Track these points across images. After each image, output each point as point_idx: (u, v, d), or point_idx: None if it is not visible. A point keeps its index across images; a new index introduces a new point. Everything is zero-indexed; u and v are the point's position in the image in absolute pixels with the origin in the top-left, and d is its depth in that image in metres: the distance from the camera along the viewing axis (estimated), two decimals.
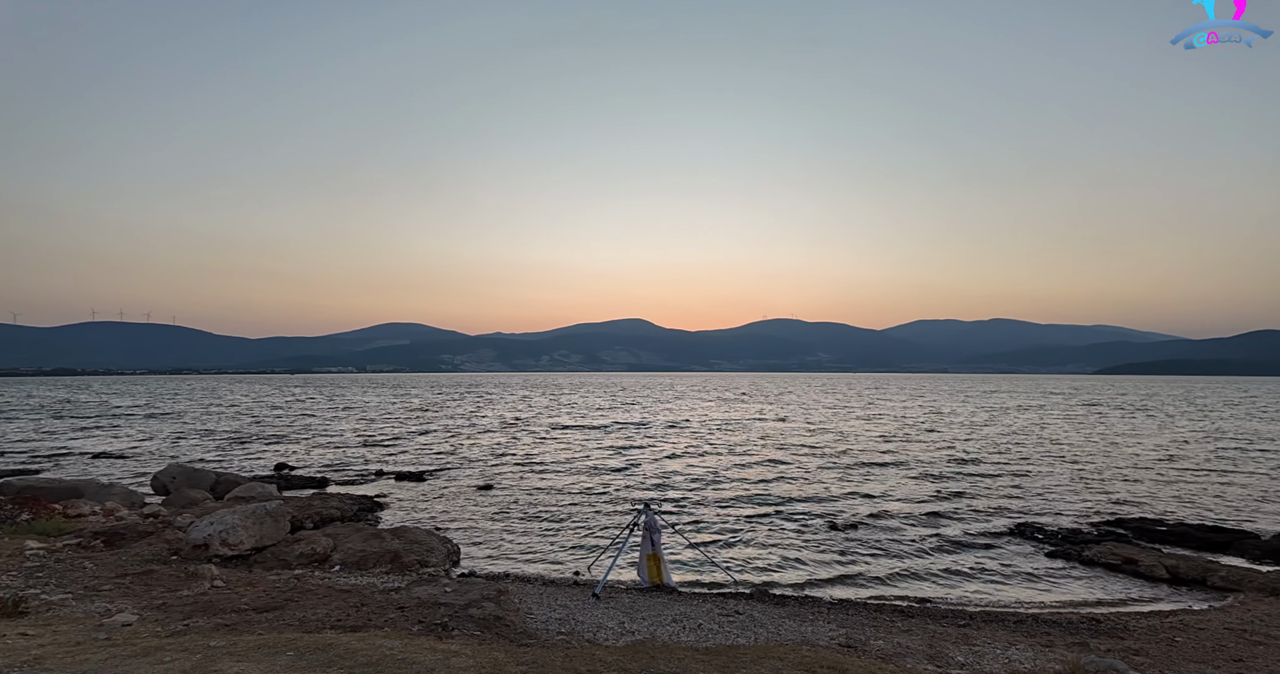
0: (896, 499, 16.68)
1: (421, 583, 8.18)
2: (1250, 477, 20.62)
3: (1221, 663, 6.90)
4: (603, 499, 16.52)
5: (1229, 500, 16.86)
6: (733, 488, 18.16)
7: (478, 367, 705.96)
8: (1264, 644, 7.43)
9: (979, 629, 8.17)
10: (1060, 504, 16.32)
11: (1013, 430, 35.91)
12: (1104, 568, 11.14)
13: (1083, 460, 24.12)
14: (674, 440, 30.14)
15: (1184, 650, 7.30)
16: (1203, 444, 29.57)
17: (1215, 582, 10.04)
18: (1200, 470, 21.84)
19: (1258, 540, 12.42)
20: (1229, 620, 8.26)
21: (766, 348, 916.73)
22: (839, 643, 7.19)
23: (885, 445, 28.47)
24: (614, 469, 21.30)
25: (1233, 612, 8.66)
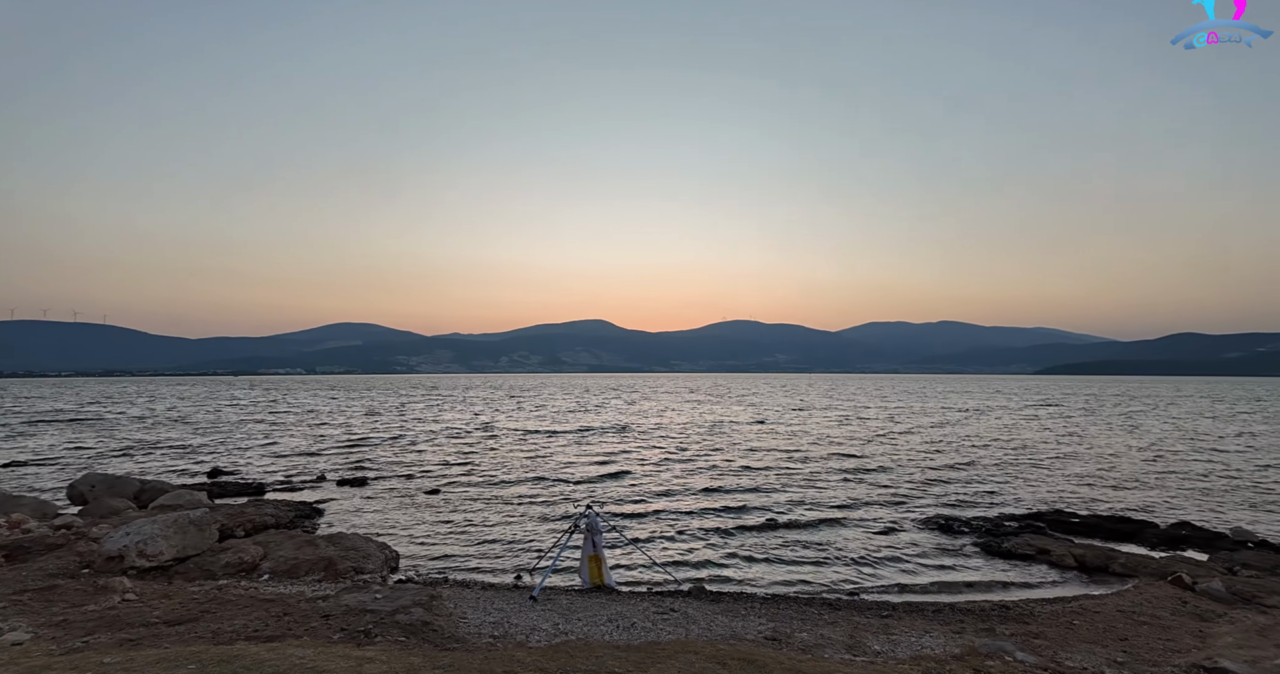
0: (837, 496, 17.24)
1: (352, 590, 8.05)
2: (1169, 472, 22.15)
3: (1109, 642, 7.46)
4: (550, 502, 16.50)
5: (1145, 493, 18.09)
6: (679, 487, 18.41)
7: (434, 368, 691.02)
8: (1148, 624, 8.07)
9: (899, 619, 8.57)
10: (991, 499, 17.18)
11: (956, 430, 37.50)
12: (1020, 558, 11.82)
13: (1020, 457, 25.41)
14: (623, 441, 30.29)
15: (1079, 632, 7.86)
16: (1136, 441, 31.57)
17: (1116, 569, 10.81)
18: (1127, 465, 23.34)
19: (1157, 529, 13.42)
20: (1122, 604, 8.92)
21: (726, 349, 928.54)
22: (765, 636, 7.45)
23: (833, 444, 29.32)
24: (563, 471, 21.28)
25: (1126, 595, 9.35)
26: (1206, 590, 9.29)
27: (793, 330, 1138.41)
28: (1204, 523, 14.11)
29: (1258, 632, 7.54)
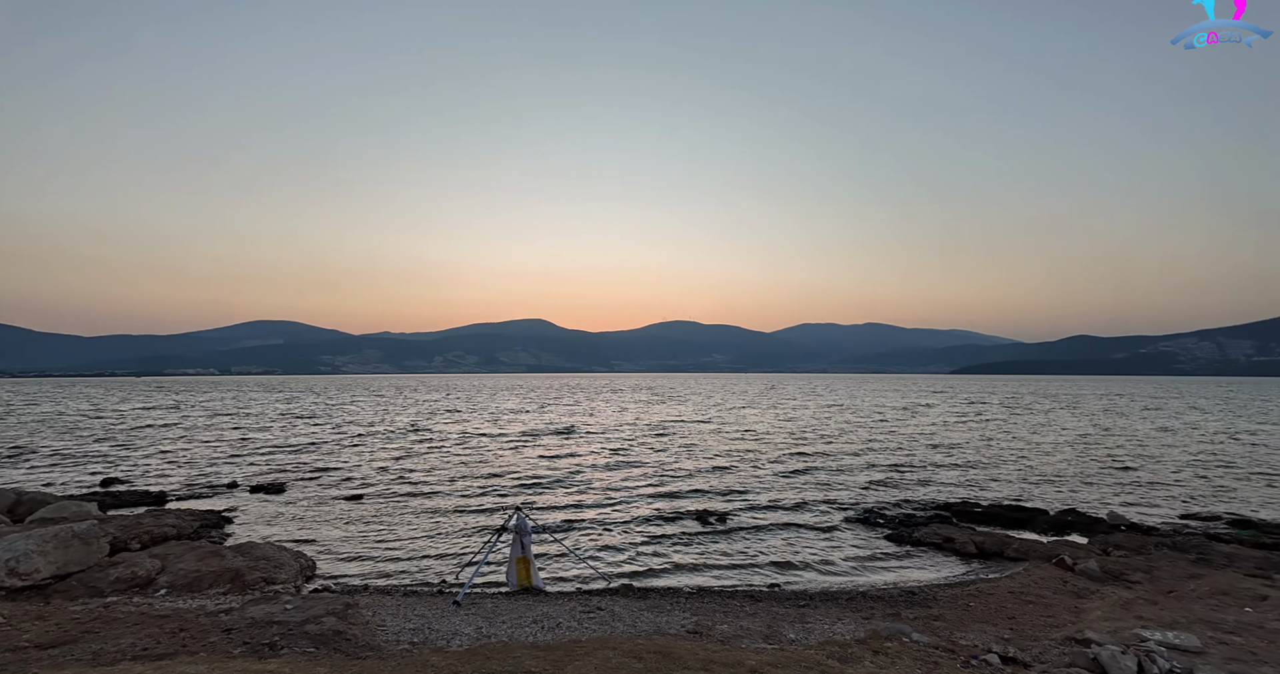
0: (768, 492, 17.81)
1: (260, 602, 7.64)
2: (1063, 464, 24.15)
3: (999, 621, 8.11)
4: (481, 506, 16.19)
5: (1041, 484, 19.67)
6: (615, 487, 18.51)
7: (362, 368, 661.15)
8: (1034, 603, 8.82)
9: (815, 608, 8.99)
10: (909, 492, 18.22)
11: (882, 427, 39.48)
12: (928, 547, 12.62)
13: (937, 453, 27.03)
14: (564, 443, 30.11)
15: (974, 613, 8.50)
16: (1038, 437, 34.21)
17: (1010, 553, 11.73)
18: (1031, 457, 25.28)
19: (1047, 516, 14.66)
20: (1012, 585, 9.71)
21: (666, 349, 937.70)
22: (688, 630, 7.64)
23: (770, 443, 30.23)
24: (498, 474, 20.93)
25: (1017, 578, 10.18)
26: (1084, 570, 10.24)
27: (730, 331, 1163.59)
28: (1087, 509, 15.52)
29: (1121, 605, 8.40)
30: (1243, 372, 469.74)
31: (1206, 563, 10.66)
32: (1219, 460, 24.57)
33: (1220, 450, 27.67)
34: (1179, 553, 11.27)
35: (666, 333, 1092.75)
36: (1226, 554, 11.07)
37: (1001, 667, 6.03)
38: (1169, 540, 12.12)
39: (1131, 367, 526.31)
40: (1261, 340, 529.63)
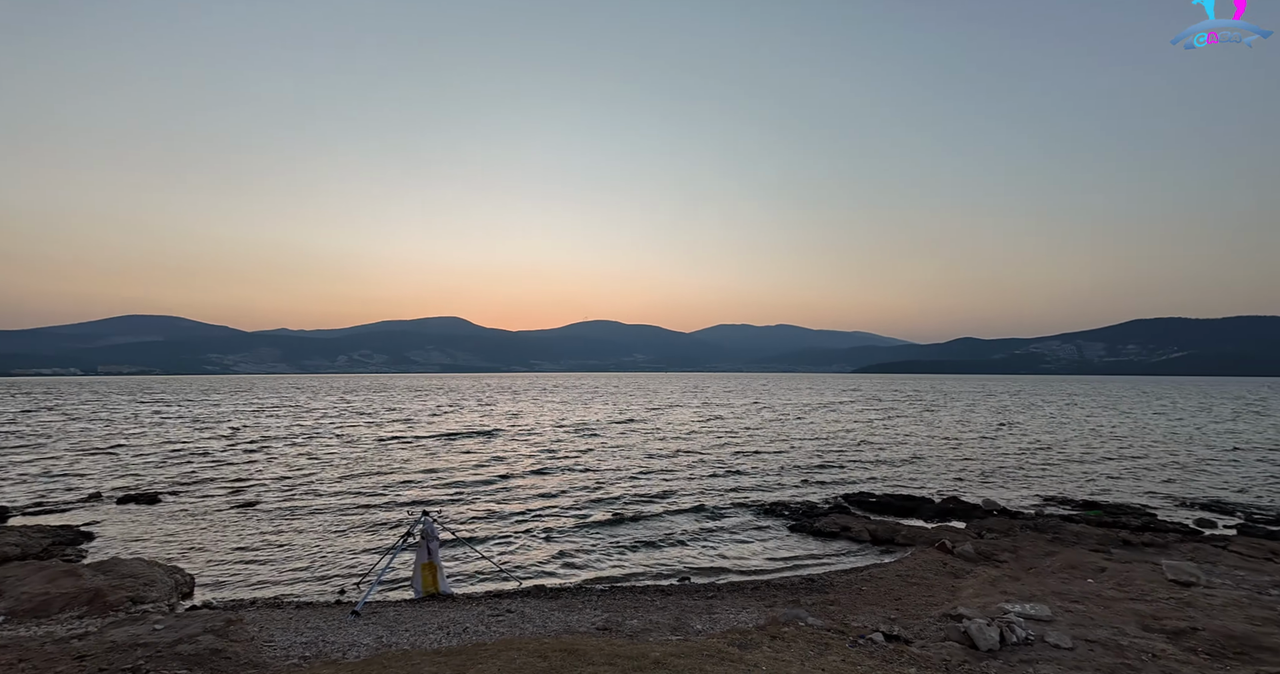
0: (684, 488, 18.18)
1: (123, 623, 6.89)
2: (951, 456, 26.31)
3: (887, 603, 8.75)
4: (384, 510, 15.44)
5: (931, 475, 21.36)
6: (528, 487, 18.24)
7: (256, 368, 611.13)
8: (918, 584, 9.59)
9: (722, 599, 9.30)
10: (815, 485, 19.21)
11: (794, 424, 41.35)
12: (828, 536, 13.37)
13: (843, 447, 28.65)
14: (482, 444, 29.30)
15: (866, 596, 9.11)
16: (929, 431, 37.04)
17: (900, 539, 12.66)
18: (922, 451, 27.34)
19: (933, 504, 15.96)
20: (900, 569, 10.50)
21: (587, 348, 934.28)
22: (597, 626, 7.68)
23: (688, 440, 30.85)
24: (401, 478, 20.02)
25: (904, 562, 11.03)
26: (961, 553, 11.25)
27: (651, 331, 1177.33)
28: (967, 497, 17.04)
29: (990, 582, 9.31)
30: (1096, 370, 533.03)
31: (1060, 541, 12.02)
32: (1079, 449, 27.74)
33: (1079, 440, 31.24)
34: (1039, 533, 12.62)
35: (588, 332, 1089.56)
36: (1076, 533, 12.53)
37: (885, 644, 6.51)
38: (1032, 523, 13.56)
39: (1007, 366, 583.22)
40: (1111, 343, 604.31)
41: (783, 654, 5.59)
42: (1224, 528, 13.87)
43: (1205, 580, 9.17)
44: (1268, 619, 7.48)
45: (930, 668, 5.91)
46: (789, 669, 5.04)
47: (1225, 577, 9.56)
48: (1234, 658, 6.45)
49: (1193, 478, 20.70)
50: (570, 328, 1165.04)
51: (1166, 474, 21.44)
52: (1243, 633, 6.98)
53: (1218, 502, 16.81)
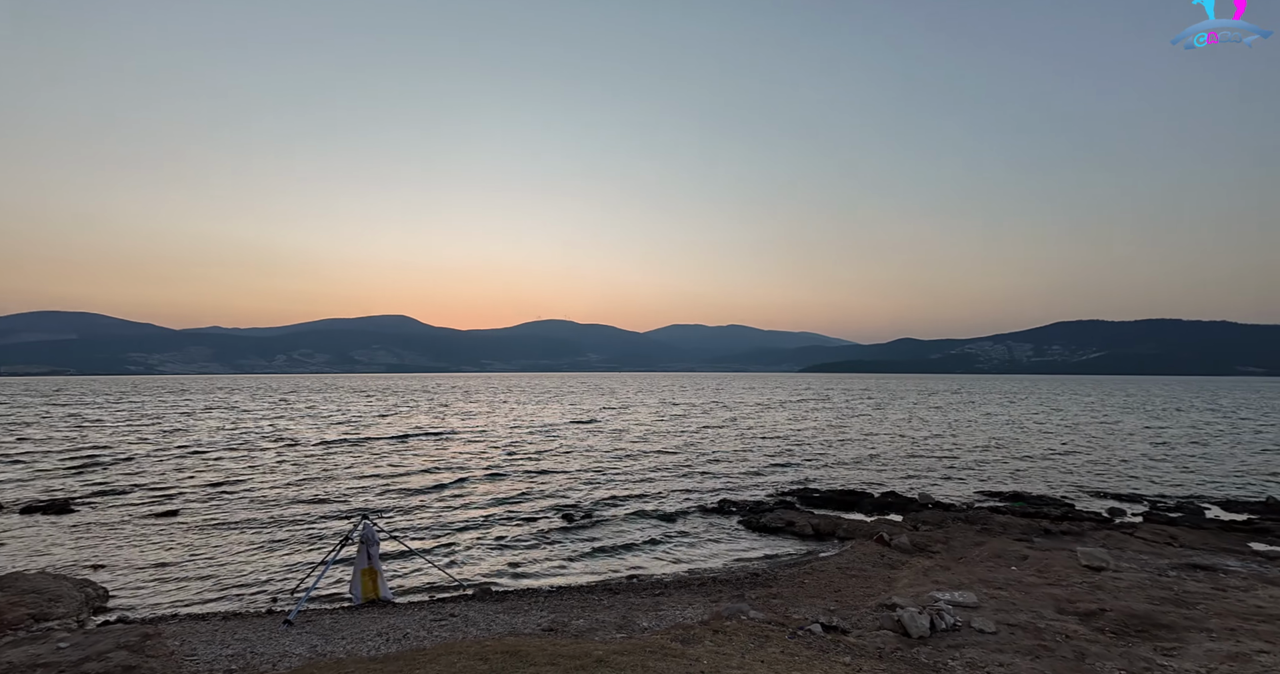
0: (635, 488, 18.23)
1: (23, 643, 6.38)
2: (891, 452, 27.33)
3: (827, 594, 9.03)
4: (321, 516, 14.86)
5: (872, 470, 22.14)
6: (474, 490, 17.90)
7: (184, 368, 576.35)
8: (856, 576, 9.94)
9: (670, 596, 9.38)
10: (762, 481, 19.62)
11: (746, 422, 42.07)
12: (774, 531, 13.69)
13: (790, 443, 29.34)
14: (417, 445, 28.55)
15: (807, 589, 9.38)
16: (874, 427, 38.35)
17: (840, 533, 13.09)
18: (867, 446, 28.29)
19: (873, 498, 16.58)
20: (840, 562, 10.86)
21: (540, 348, 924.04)
22: (543, 627, 7.61)
23: (643, 440, 30.93)
24: (342, 482, 19.32)
25: (845, 555, 11.41)
26: (898, 545, 11.72)
27: (605, 330, 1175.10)
28: (905, 491, 17.77)
29: (923, 572, 9.75)
30: (1024, 370, 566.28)
31: (988, 532, 12.69)
32: (1010, 444, 29.34)
33: (1010, 436, 33.05)
34: (969, 525, 13.29)
35: (541, 332, 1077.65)
36: (1003, 524, 13.26)
37: (823, 634, 6.72)
38: (963, 515, 14.27)
39: (944, 366, 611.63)
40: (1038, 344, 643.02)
41: (724, 647, 5.70)
42: (1132, 516, 14.96)
43: (1114, 565, 9.87)
44: (1165, 599, 8.12)
45: (865, 656, 6.14)
46: (729, 662, 5.14)
47: (1131, 561, 10.32)
48: (1135, 635, 6.97)
49: (1109, 470, 22.24)
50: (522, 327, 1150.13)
51: (1086, 467, 22.95)
52: (1144, 612, 7.55)
53: (1129, 492, 18.11)
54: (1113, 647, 6.66)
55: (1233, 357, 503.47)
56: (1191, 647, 6.57)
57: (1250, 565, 10.23)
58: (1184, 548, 11.42)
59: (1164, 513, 15.20)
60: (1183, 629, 7.04)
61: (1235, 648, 6.42)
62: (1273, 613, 7.57)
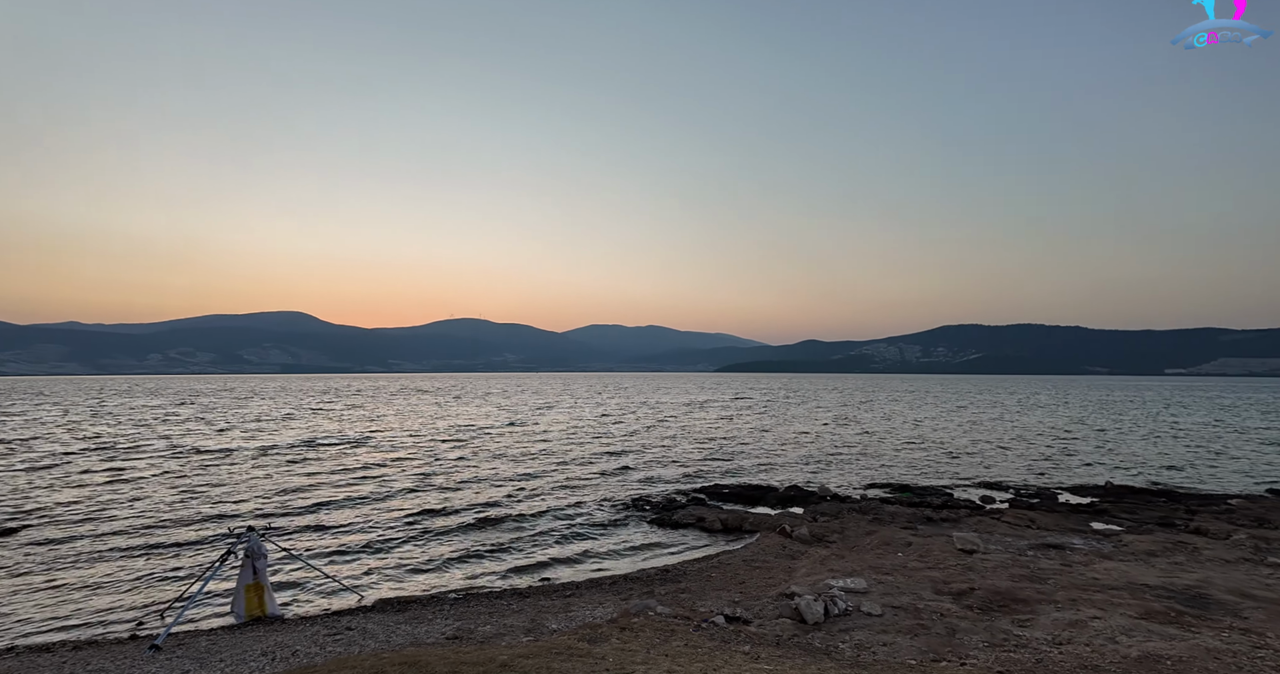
0: (551, 489, 18.01)
1: None
2: (796, 446, 28.69)
3: (733, 586, 9.38)
4: (201, 529, 13.58)
5: (778, 465, 23.16)
6: (379, 498, 17.02)
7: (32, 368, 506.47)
8: (760, 568, 10.40)
9: (581, 596, 9.38)
10: (676, 479, 19.98)
11: (666, 422, 42.64)
12: (685, 527, 14.01)
13: (704, 442, 30.06)
14: (314, 453, 26.78)
15: (714, 582, 9.70)
16: (780, 425, 40.04)
17: (747, 527, 13.62)
18: (774, 443, 29.51)
19: (777, 492, 17.38)
20: (746, 555, 11.32)
21: (453, 348, 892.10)
22: (448, 636, 7.38)
23: (551, 440, 30.56)
24: (225, 492, 17.75)
25: (750, 548, 11.89)
26: (798, 536, 12.37)
27: (522, 330, 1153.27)
28: (807, 485, 18.77)
29: (820, 561, 10.36)
30: (913, 370, 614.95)
31: (879, 521, 13.67)
32: (902, 439, 31.70)
33: (902, 431, 35.72)
34: (862, 515, 14.26)
35: (455, 331, 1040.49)
36: (892, 513, 14.33)
37: (726, 625, 6.99)
38: (857, 506, 15.28)
39: (844, 366, 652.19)
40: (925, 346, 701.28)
41: (630, 644, 5.79)
42: (1000, 502, 16.63)
43: (983, 548, 10.95)
44: (1023, 576, 9.12)
45: (763, 644, 6.45)
46: (634, 658, 5.23)
47: (998, 543, 11.49)
48: (998, 610, 7.78)
49: (985, 462, 24.58)
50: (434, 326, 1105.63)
51: (966, 459, 25.24)
52: (1005, 589, 8.44)
53: (998, 481, 20.10)
54: (979, 622, 7.39)
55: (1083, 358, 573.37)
56: (1042, 617, 7.42)
57: (1091, 543, 11.69)
58: (1040, 530, 12.86)
59: (1026, 499, 17.02)
60: (1036, 602, 7.94)
61: (1075, 616, 7.32)
62: (1106, 584, 8.70)
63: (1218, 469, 22.98)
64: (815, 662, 5.92)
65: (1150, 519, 14.10)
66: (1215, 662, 5.82)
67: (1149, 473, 21.95)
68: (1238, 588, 8.47)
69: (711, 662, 5.33)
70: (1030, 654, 6.31)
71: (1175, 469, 22.84)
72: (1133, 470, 22.50)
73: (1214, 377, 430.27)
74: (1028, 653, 6.35)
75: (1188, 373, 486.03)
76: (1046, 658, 6.16)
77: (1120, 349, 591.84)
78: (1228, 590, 8.34)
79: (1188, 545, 11.20)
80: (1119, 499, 16.71)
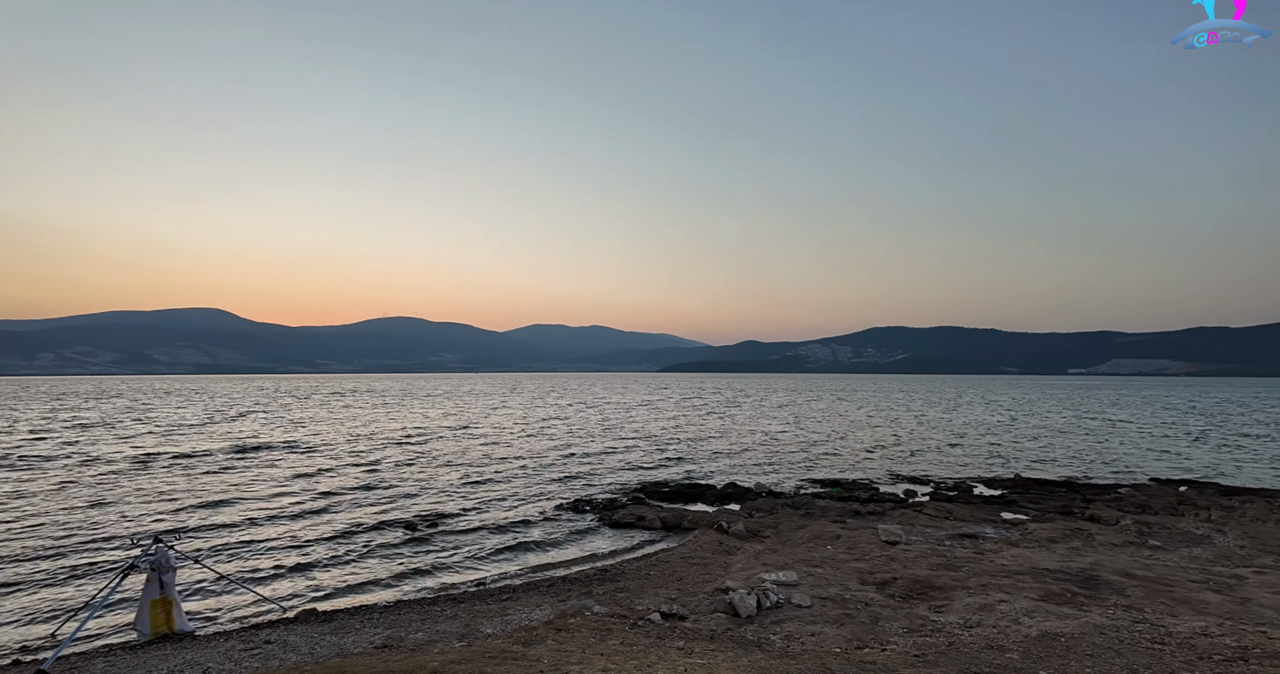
0: (493, 492, 17.63)
1: None
2: (735, 444, 29.30)
3: (670, 583, 9.51)
4: (104, 543, 12.53)
5: (722, 462, 23.60)
6: (306, 504, 16.20)
7: None
8: (698, 564, 10.59)
9: (518, 599, 9.26)
10: (618, 478, 20.01)
11: (615, 422, 42.54)
12: (625, 526, 14.08)
13: (649, 441, 30.21)
14: (231, 462, 25.23)
15: (652, 580, 9.80)
16: (720, 424, 40.74)
17: (686, 524, 13.84)
18: (715, 442, 30.00)
19: (715, 489, 17.73)
20: (684, 551, 11.50)
21: (387, 347, 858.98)
22: (376, 645, 7.13)
23: (487, 445, 29.95)
24: (130, 503, 16.45)
25: (688, 544, 12.09)
26: (735, 532, 12.68)
27: (461, 329, 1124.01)
28: (744, 482, 19.22)
29: (754, 556, 10.66)
30: (845, 369, 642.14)
31: (811, 516, 14.19)
32: (835, 436, 32.96)
33: (836, 428, 37.16)
34: (795, 510, 14.76)
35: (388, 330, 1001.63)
36: (823, 508, 14.91)
37: (662, 622, 7.10)
38: (791, 501, 15.80)
39: (782, 366, 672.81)
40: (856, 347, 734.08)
41: (565, 645, 5.78)
42: (921, 495, 17.60)
43: (906, 539, 11.57)
44: (940, 565, 9.70)
45: (698, 639, 6.59)
46: (569, 659, 5.23)
47: (919, 534, 12.17)
48: (917, 598, 8.25)
49: (910, 457, 25.91)
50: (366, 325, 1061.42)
51: (893, 455, 26.54)
52: (924, 577, 8.95)
53: (921, 475, 21.27)
54: (899, 609, 7.81)
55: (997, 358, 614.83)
56: (955, 603, 7.92)
57: (1001, 532, 12.57)
58: (957, 520, 13.71)
59: (945, 492, 18.09)
60: (950, 589, 8.47)
61: (985, 600, 7.86)
62: (1012, 569, 9.38)
63: (1111, 460, 25.18)
64: (747, 654, 6.10)
65: (1053, 508, 15.29)
66: (1101, 636, 6.39)
67: (1054, 466, 23.79)
68: (1123, 569, 9.33)
69: (646, 658, 5.40)
70: (944, 637, 6.73)
71: (1077, 462, 24.86)
72: (1040, 463, 24.33)
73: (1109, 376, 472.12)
74: (941, 636, 6.77)
75: (1087, 373, 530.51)
76: (958, 640, 6.59)
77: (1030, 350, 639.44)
78: (1115, 572, 9.17)
79: (1083, 531, 12.23)
80: (1026, 490, 18.03)
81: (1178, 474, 21.71)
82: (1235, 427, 41.17)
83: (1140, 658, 5.81)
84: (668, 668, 5.24)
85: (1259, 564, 9.90)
